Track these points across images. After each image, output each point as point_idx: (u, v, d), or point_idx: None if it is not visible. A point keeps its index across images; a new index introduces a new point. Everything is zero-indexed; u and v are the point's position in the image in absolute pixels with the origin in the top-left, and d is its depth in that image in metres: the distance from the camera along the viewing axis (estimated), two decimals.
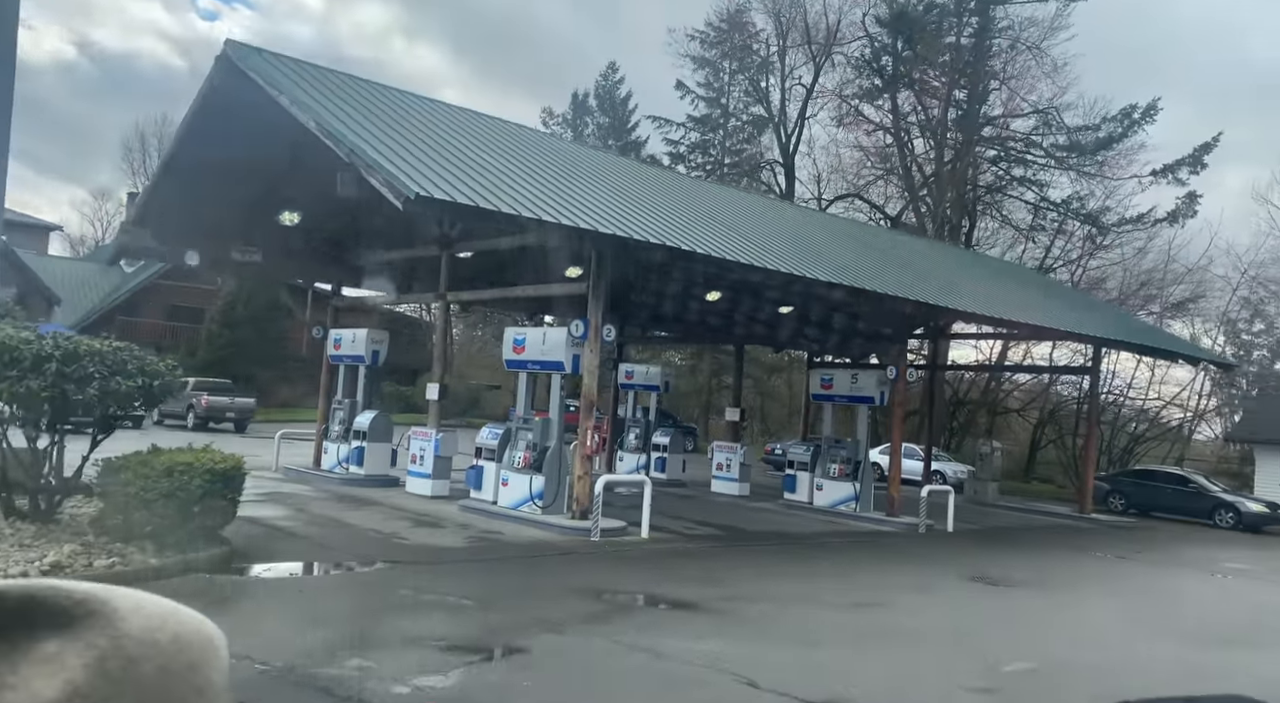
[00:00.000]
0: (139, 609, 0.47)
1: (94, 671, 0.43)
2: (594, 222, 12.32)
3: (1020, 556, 15.44)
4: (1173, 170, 33.02)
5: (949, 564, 13.60)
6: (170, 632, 0.47)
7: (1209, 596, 12.81)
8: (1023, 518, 21.58)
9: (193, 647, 0.47)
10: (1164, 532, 21.61)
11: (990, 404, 37.55)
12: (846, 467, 18.83)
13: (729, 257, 13.49)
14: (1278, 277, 36.89)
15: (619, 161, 22.72)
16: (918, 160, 38.76)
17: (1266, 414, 26.85)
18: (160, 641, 0.46)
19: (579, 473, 13.36)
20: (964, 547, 15.91)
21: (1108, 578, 13.72)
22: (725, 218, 17.32)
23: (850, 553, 14.09)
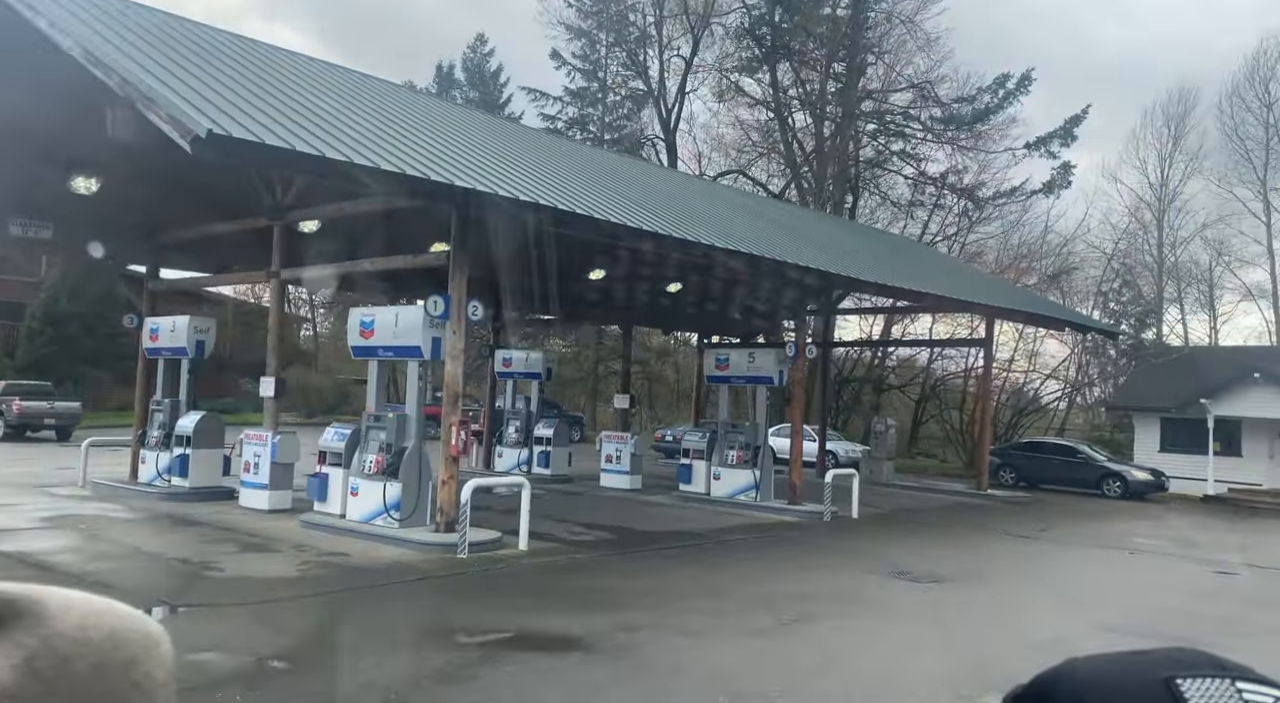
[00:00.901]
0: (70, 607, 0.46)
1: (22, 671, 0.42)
2: (451, 174, 10.22)
3: (934, 543, 14.33)
4: (1045, 143, 33.34)
5: (866, 559, 12.26)
6: (105, 629, 0.46)
7: (1142, 580, 11.91)
8: (922, 498, 20.77)
9: (130, 643, 0.47)
10: (1059, 506, 21.23)
11: (875, 381, 37.32)
12: (745, 453, 17.39)
13: (612, 218, 11.63)
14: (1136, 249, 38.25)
15: (490, 120, 20.48)
16: (798, 136, 37.99)
17: (1144, 383, 27.20)
18: (94, 638, 0.45)
19: (443, 477, 11.28)
20: (874, 536, 14.68)
21: (1031, 566, 12.71)
22: (609, 182, 15.45)
23: (758, 553, 12.55)
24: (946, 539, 14.75)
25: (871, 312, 30.17)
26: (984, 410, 22.98)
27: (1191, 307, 41.07)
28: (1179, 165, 41.37)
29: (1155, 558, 13.62)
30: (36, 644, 0.44)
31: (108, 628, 0.47)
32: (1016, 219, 35.03)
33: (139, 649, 0.48)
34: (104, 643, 0.46)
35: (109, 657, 0.46)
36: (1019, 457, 25.78)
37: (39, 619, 0.45)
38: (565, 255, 18.51)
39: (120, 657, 0.46)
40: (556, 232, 13.02)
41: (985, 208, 35.52)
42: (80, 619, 0.47)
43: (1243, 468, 24.89)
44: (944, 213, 36.45)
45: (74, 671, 0.44)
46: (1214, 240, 39.97)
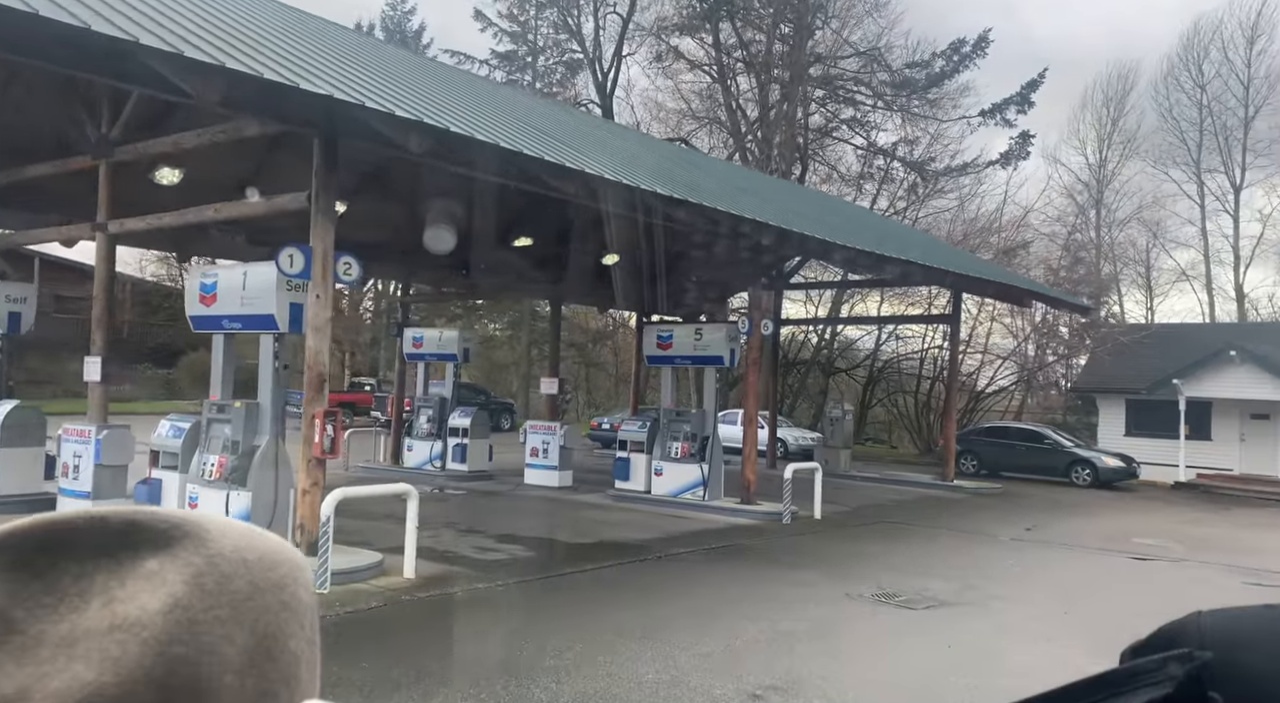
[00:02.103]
0: (228, 531, 0.50)
1: (192, 585, 0.46)
2: (305, 76, 7.51)
3: (914, 551, 12.15)
4: (1000, 110, 31.67)
5: (842, 576, 9.98)
6: (258, 551, 0.50)
7: (1177, 599, 9.86)
8: (886, 491, 18.71)
9: (279, 566, 0.50)
10: (1032, 497, 19.40)
11: (824, 364, 35.42)
12: (691, 445, 15.01)
13: (525, 150, 9.03)
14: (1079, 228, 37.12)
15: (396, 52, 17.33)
16: (742, 103, 35.67)
17: (1110, 363, 25.69)
18: (249, 559, 0.49)
19: (304, 486, 8.60)
20: (845, 543, 12.45)
21: (1037, 582, 10.58)
22: (527, 118, 12.80)
23: (711, 572, 10.16)
24: (927, 546, 12.59)
25: (827, 286, 28.11)
26: (950, 394, 21.03)
27: (1128, 287, 40.48)
28: (1117, 147, 40.76)
29: (1171, 566, 11.64)
30: (202, 563, 0.48)
31: (260, 551, 0.50)
32: (971, 190, 33.35)
33: (287, 573, 0.51)
34: (258, 564, 0.49)
35: (262, 577, 0.49)
36: (982, 443, 24.01)
37: (202, 541, 0.48)
38: (479, 212, 15.83)
39: (272, 578, 0.50)
40: (459, 173, 10.36)
41: (937, 181, 33.74)
42: (237, 542, 0.50)
43: (1212, 452, 23.53)
44: (894, 186, 34.61)
45: (234, 588, 0.48)
46: (1150, 222, 39.37)
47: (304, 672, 0.51)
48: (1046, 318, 32.10)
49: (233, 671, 0.47)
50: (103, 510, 0.49)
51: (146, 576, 0.47)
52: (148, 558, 0.47)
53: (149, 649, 0.44)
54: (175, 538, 0.49)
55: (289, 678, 0.50)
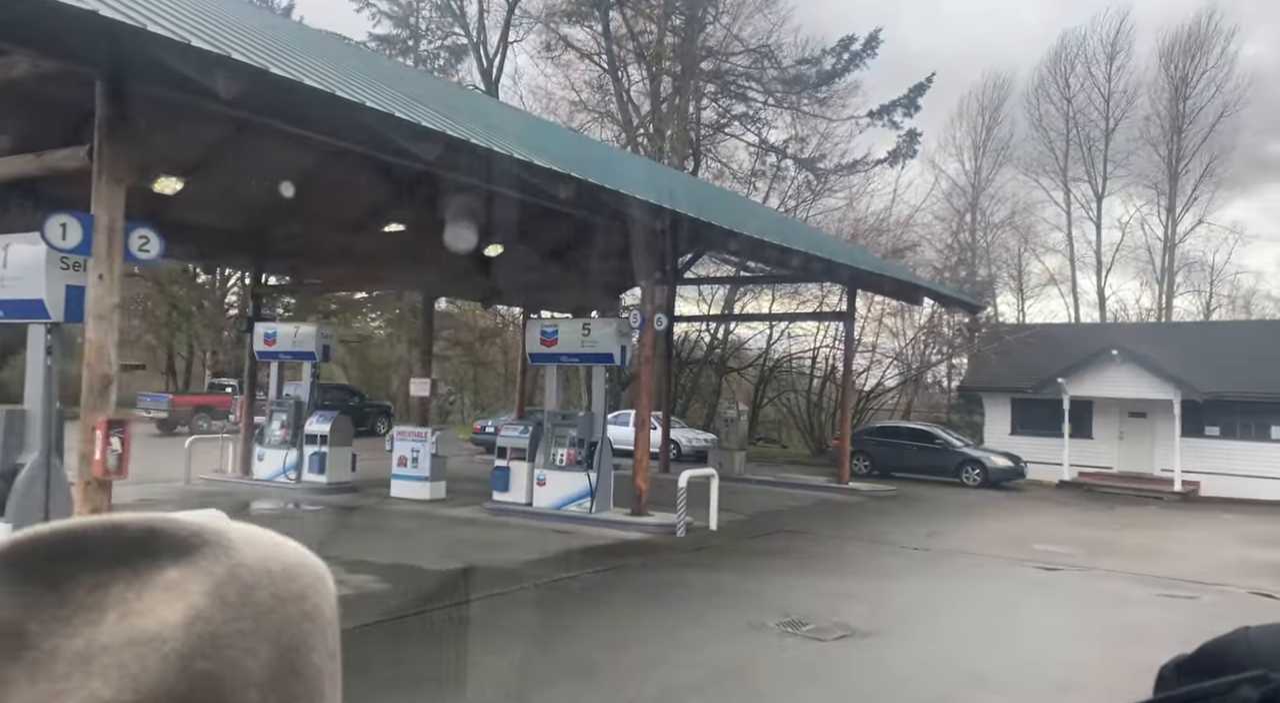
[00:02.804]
0: (252, 541, 0.48)
1: (213, 596, 0.45)
2: None
3: (819, 566, 11.19)
4: (888, 111, 31.66)
5: (744, 601, 8.87)
6: (281, 562, 0.48)
7: (1095, 617, 9.15)
8: (782, 496, 17.86)
9: (302, 577, 0.49)
10: (926, 500, 18.96)
11: (718, 363, 34.71)
12: (578, 451, 13.68)
13: (371, 102, 7.49)
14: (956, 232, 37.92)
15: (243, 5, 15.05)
16: (634, 97, 34.58)
17: (997, 363, 25.80)
18: (272, 570, 0.47)
19: (80, 510, 6.81)
20: (745, 559, 11.39)
21: (947, 595, 9.75)
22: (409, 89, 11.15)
23: (595, 605, 8.85)
24: (831, 559, 11.66)
25: (723, 282, 27.26)
26: (845, 393, 20.43)
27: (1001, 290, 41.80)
28: (991, 154, 42.13)
29: (1081, 576, 11.05)
30: (224, 573, 0.46)
31: (283, 561, 0.48)
32: (860, 189, 33.28)
33: (309, 583, 0.49)
34: (280, 575, 0.48)
35: (285, 588, 0.47)
36: (873, 443, 23.61)
37: (225, 550, 0.46)
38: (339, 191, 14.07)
39: (294, 589, 0.48)
40: (293, 133, 8.70)
41: (827, 179, 33.54)
42: (260, 552, 0.48)
43: (1093, 450, 23.84)
44: (785, 184, 34.21)
45: (256, 599, 0.46)
46: (1022, 227, 40.72)
47: (327, 686, 0.49)
48: (932, 318, 32.38)
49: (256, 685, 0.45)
50: (120, 518, 0.47)
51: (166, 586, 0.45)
52: (167, 568, 0.45)
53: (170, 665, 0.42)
54: (196, 547, 0.46)
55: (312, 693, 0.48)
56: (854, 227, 32.96)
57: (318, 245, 16.60)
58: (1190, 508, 19.82)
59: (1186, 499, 21.27)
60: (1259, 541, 14.74)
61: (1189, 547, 13.64)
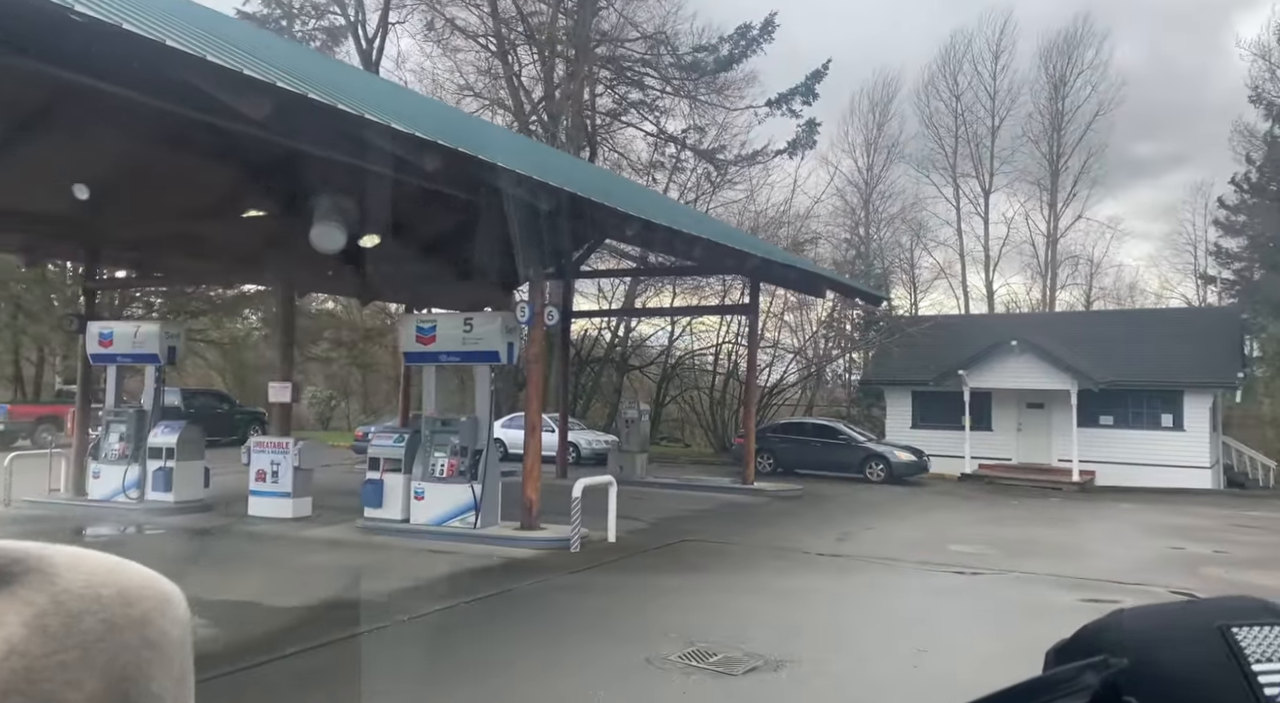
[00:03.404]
0: (78, 565, 0.45)
1: (32, 628, 0.42)
2: None
3: (724, 580, 10.19)
4: (786, 100, 31.22)
5: (639, 628, 7.75)
6: (115, 586, 0.45)
7: (1029, 631, 8.40)
8: (686, 499, 16.88)
9: (143, 600, 0.46)
10: (832, 498, 18.34)
11: (618, 361, 33.65)
12: (460, 460, 12.31)
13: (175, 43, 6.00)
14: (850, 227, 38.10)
15: None
16: (526, 83, 33.13)
17: (898, 355, 25.58)
18: (104, 595, 0.44)
19: None
20: (643, 575, 10.29)
21: (863, 609, 8.87)
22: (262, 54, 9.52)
23: (471, 644, 7.53)
24: (738, 571, 10.67)
25: (623, 274, 26.19)
26: (749, 389, 19.62)
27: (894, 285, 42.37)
28: (883, 150, 42.69)
29: (999, 581, 10.39)
30: (45, 602, 0.43)
31: (118, 585, 0.45)
32: (761, 181, 32.78)
33: (152, 607, 0.46)
34: (114, 600, 0.44)
35: (120, 614, 0.44)
36: (777, 440, 22.99)
37: (47, 577, 0.44)
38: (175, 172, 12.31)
39: (133, 614, 0.45)
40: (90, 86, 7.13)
41: (727, 171, 32.91)
42: (89, 577, 0.45)
43: (993, 442, 23.84)
44: (685, 176, 33.42)
45: (84, 628, 0.43)
46: (913, 222, 41.35)
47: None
48: (833, 313, 32.16)
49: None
50: None
51: None
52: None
53: None
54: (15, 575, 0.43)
55: None
56: (754, 220, 32.47)
57: (163, 234, 14.66)
58: (1089, 499, 19.85)
59: (1084, 490, 21.38)
60: (1164, 532, 14.59)
61: (1101, 543, 13.29)
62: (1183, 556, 12.24)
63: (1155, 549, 12.78)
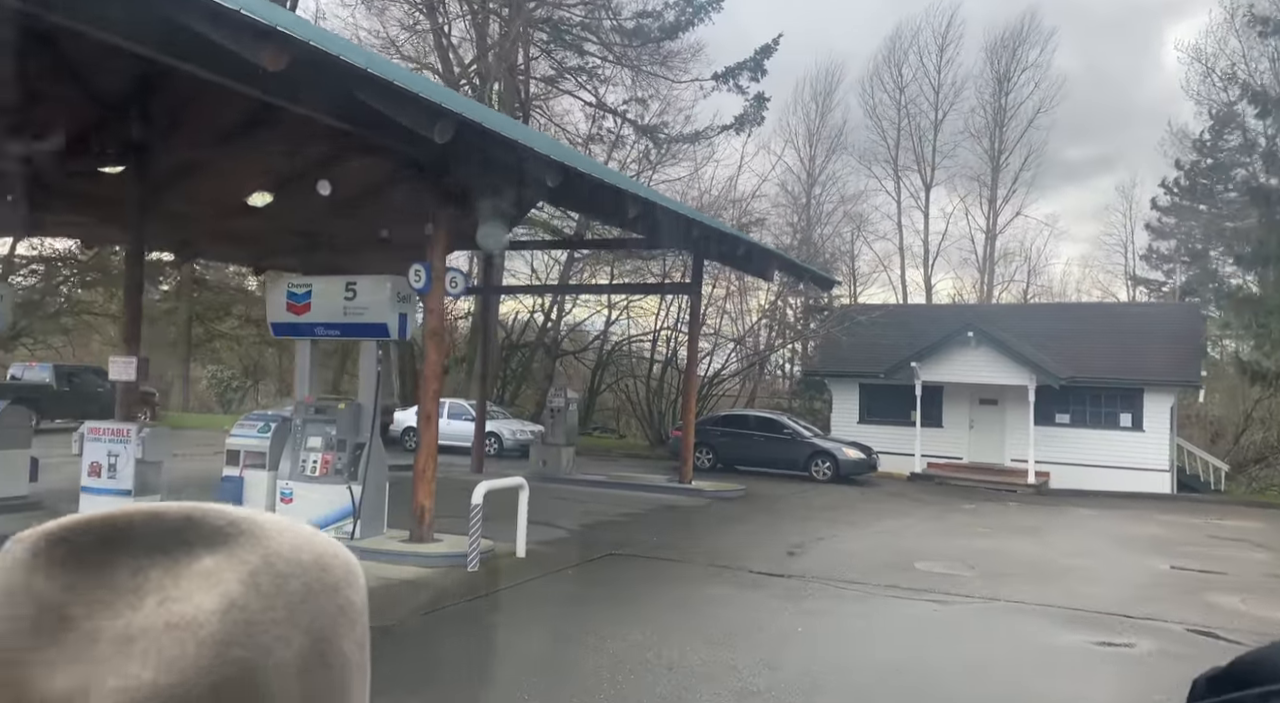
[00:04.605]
0: (284, 531, 0.49)
1: (248, 584, 0.45)
2: None
3: (652, 611, 8.24)
4: (734, 75, 29.34)
5: (541, 679, 5.75)
6: (314, 553, 0.49)
7: (1029, 690, 6.63)
8: (616, 501, 14.93)
9: (334, 569, 0.49)
10: (777, 500, 16.59)
11: (549, 346, 31.51)
12: (336, 456, 10.11)
13: None
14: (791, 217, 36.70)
15: None
16: (455, 45, 30.62)
17: (845, 346, 23.99)
18: (305, 561, 0.48)
19: None
20: (553, 605, 8.29)
21: (827, 658, 7.00)
22: None
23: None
24: (672, 599, 8.74)
25: (554, 246, 24.07)
26: (690, 378, 17.74)
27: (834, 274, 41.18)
28: (825, 141, 41.44)
29: (985, 613, 8.66)
30: (258, 561, 0.46)
31: (314, 552, 0.49)
32: (706, 157, 30.92)
33: (341, 576, 0.49)
34: (313, 566, 0.48)
35: (317, 580, 0.48)
36: (717, 434, 21.19)
37: (258, 539, 0.47)
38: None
39: (327, 580, 0.48)
40: None
41: (669, 148, 30.95)
42: (293, 541, 0.48)
43: (943, 440, 22.44)
44: (624, 151, 31.35)
45: (290, 589, 0.46)
46: (854, 215, 40.16)
47: (355, 677, 0.49)
48: (776, 300, 30.55)
49: (288, 674, 0.45)
50: (159, 507, 0.47)
51: (202, 574, 0.45)
52: (203, 556, 0.46)
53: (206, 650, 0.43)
54: (231, 536, 0.47)
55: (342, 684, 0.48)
56: (698, 200, 30.56)
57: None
58: (1047, 503, 18.51)
59: (1040, 492, 20.09)
60: (1142, 546, 13.19)
61: (1080, 559, 11.73)
62: (1180, 579, 10.75)
63: (1145, 570, 11.27)
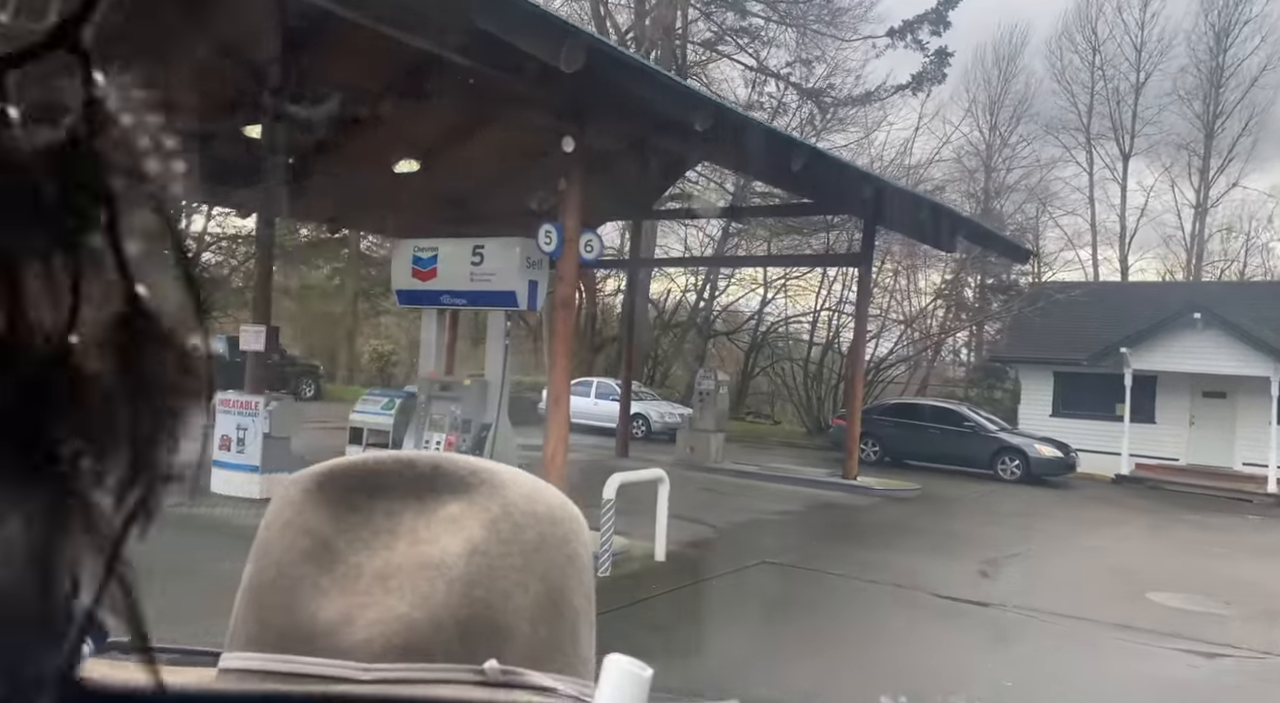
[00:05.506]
0: (520, 482, 0.52)
1: (489, 531, 0.49)
2: None
3: (815, 642, 6.68)
4: (912, 29, 26.73)
5: None
6: (545, 504, 0.52)
7: None
8: (769, 496, 13.36)
9: (564, 521, 0.52)
10: (959, 501, 14.53)
11: (701, 326, 30.17)
12: (461, 437, 9.13)
13: None
14: None
15: None
16: (611, 10, 29.61)
17: (1038, 329, 21.22)
18: (539, 512, 0.51)
19: None
20: (692, 623, 6.88)
21: None
22: None
23: None
24: (842, 627, 7.14)
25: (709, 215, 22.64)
26: (856, 362, 15.85)
27: None
28: (1008, 107, 37.35)
29: (1261, 673, 6.55)
30: (498, 510, 0.50)
31: (546, 503, 0.52)
32: (877, 122, 28.52)
33: (570, 528, 0.52)
34: (545, 517, 0.51)
35: (549, 530, 0.51)
36: (885, 424, 19.16)
37: (496, 489, 0.51)
38: None
39: (557, 532, 0.51)
40: None
41: (836, 112, 28.74)
42: (530, 494, 0.51)
43: (1155, 438, 19.35)
44: (787, 118, 29.35)
45: (525, 538, 0.49)
46: (1040, 188, 36.04)
47: (584, 628, 0.52)
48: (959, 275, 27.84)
49: (527, 619, 0.48)
50: (411, 455, 0.51)
51: (448, 519, 0.49)
52: (449, 502, 0.49)
53: (453, 589, 0.46)
54: (473, 485, 0.50)
55: (573, 632, 0.51)
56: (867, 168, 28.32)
57: None
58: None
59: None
60: None
61: None
62: None
63: None
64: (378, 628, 0.44)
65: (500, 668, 0.46)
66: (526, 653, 0.47)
